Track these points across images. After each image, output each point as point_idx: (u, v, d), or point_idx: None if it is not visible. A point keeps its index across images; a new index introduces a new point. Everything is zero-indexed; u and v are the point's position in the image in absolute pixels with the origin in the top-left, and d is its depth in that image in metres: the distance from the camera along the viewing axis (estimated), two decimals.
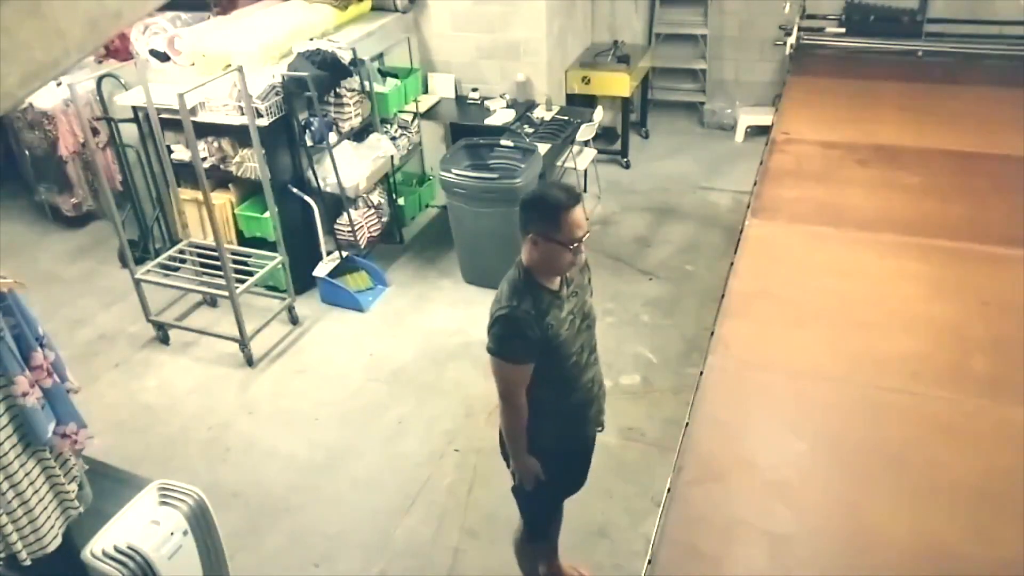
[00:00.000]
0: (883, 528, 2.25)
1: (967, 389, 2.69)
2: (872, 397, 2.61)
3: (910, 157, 4.00)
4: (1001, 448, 2.46)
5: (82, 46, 1.63)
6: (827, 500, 2.34)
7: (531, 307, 2.33)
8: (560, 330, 2.37)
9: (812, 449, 2.48)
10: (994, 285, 3.15)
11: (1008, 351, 2.81)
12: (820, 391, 2.67)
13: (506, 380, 2.42)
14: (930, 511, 2.29)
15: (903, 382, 2.68)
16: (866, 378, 2.75)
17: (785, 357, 2.75)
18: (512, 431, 2.53)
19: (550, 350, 2.37)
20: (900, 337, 2.85)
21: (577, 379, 2.53)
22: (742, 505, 2.35)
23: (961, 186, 3.74)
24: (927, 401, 2.64)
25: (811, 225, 3.49)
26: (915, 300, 3.02)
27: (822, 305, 3.02)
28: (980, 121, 4.38)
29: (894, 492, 2.36)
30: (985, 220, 3.50)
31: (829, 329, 2.91)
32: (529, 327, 2.32)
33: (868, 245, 3.33)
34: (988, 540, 2.19)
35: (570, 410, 2.58)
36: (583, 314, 2.49)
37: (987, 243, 3.36)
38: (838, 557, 2.20)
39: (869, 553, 2.18)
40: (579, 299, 2.47)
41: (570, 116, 5.22)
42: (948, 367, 2.78)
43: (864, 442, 2.47)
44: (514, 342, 2.34)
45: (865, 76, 5.11)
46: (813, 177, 3.89)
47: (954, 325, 2.93)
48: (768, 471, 2.41)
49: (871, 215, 3.51)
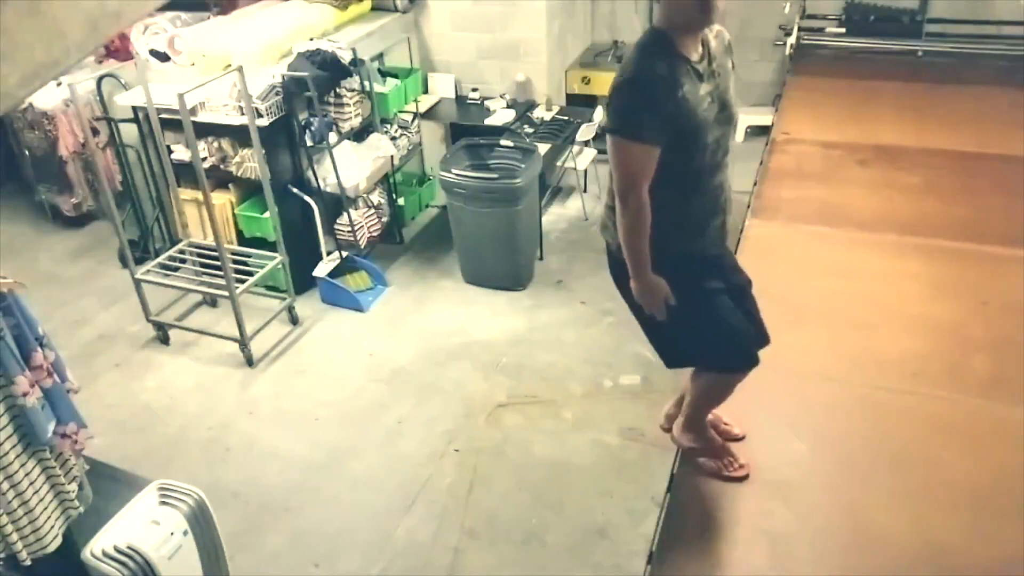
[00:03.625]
0: (883, 528, 2.25)
1: (967, 389, 2.70)
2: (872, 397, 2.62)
3: (910, 157, 4.01)
4: (1001, 448, 2.46)
5: (82, 46, 1.63)
6: (827, 500, 2.34)
7: (664, 72, 1.94)
8: (697, 109, 1.98)
9: (812, 449, 2.48)
10: (994, 285, 3.15)
11: (1008, 351, 2.82)
12: (820, 391, 2.68)
13: (628, 168, 1.99)
14: (930, 511, 2.29)
15: (903, 382, 2.69)
16: (866, 378, 2.75)
17: (785, 357, 2.74)
18: (633, 239, 2.07)
19: (682, 134, 1.98)
20: (900, 337, 2.86)
21: (706, 180, 2.11)
22: (742, 505, 2.35)
23: (961, 186, 3.75)
24: (927, 401, 2.64)
25: (811, 225, 3.50)
26: (915, 300, 3.03)
27: (822, 305, 3.03)
28: (980, 121, 4.38)
29: (894, 492, 2.36)
30: (985, 220, 3.50)
31: (829, 329, 2.92)
32: (661, 96, 1.92)
33: (868, 245, 3.34)
34: (988, 539, 2.19)
35: (693, 220, 2.15)
36: (723, 102, 2.07)
37: (987, 243, 3.36)
38: (838, 557, 2.21)
39: (869, 553, 2.18)
40: (721, 82, 2.08)
41: (570, 116, 5.22)
42: (948, 367, 2.78)
43: (864, 442, 2.47)
44: (641, 115, 1.94)
45: (865, 76, 5.12)
46: (813, 177, 3.89)
47: (954, 325, 2.94)
48: (768, 471, 2.41)
49: (871, 215, 3.52)
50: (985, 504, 2.32)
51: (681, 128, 1.97)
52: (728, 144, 2.12)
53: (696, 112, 1.98)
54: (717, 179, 2.12)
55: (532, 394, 3.79)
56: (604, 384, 3.80)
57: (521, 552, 3.00)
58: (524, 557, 2.98)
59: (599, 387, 3.79)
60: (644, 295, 2.15)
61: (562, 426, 3.58)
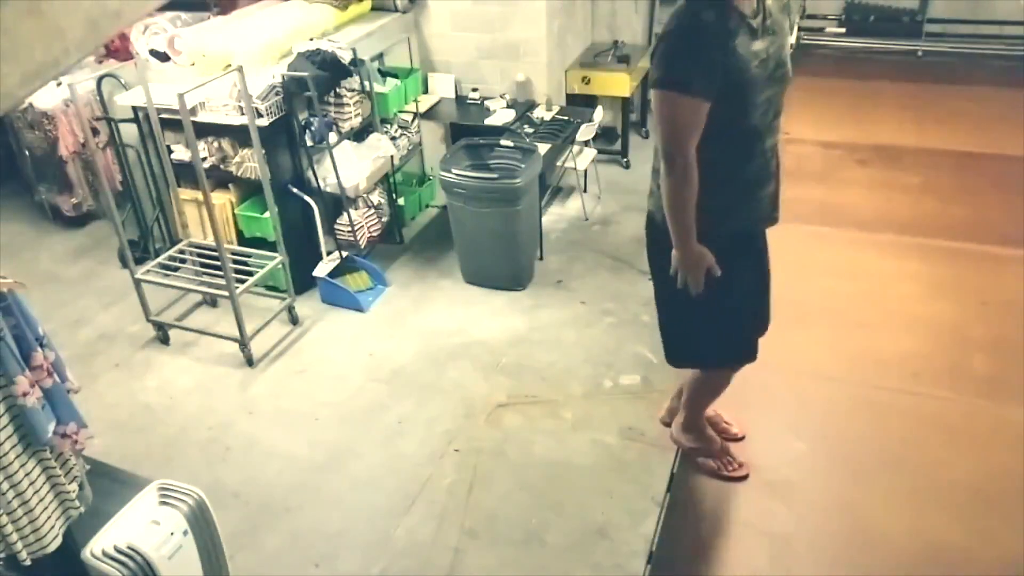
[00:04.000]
0: (883, 527, 2.25)
1: (967, 389, 2.70)
2: (872, 397, 2.62)
3: (910, 157, 4.02)
4: (1000, 448, 2.47)
5: (82, 46, 1.63)
6: (827, 500, 2.34)
7: (714, 21, 1.80)
8: (750, 64, 1.85)
9: (812, 449, 2.48)
10: (994, 285, 3.16)
11: (1008, 351, 2.82)
12: (820, 391, 2.68)
13: (674, 124, 1.86)
14: (930, 510, 2.29)
15: (903, 382, 2.69)
16: (866, 378, 2.76)
17: (785, 357, 2.75)
18: (678, 202, 1.92)
19: (733, 89, 1.84)
20: (900, 337, 2.86)
21: (756, 142, 1.97)
22: (742, 505, 2.35)
23: (961, 186, 3.75)
24: (927, 401, 2.65)
25: (811, 225, 3.50)
26: (915, 300, 3.03)
27: (822, 305, 3.03)
28: (980, 121, 4.39)
29: (894, 491, 2.37)
30: (985, 220, 3.51)
31: (829, 329, 2.92)
32: (711, 46, 1.79)
33: (868, 245, 3.34)
34: (987, 539, 2.20)
35: (742, 185, 2.01)
36: (779, 61, 1.94)
37: (987, 243, 3.37)
38: (838, 557, 2.21)
39: (869, 552, 2.19)
40: (777, 41, 1.95)
41: (570, 116, 5.22)
42: (948, 367, 2.79)
43: (864, 442, 2.48)
44: (689, 66, 1.80)
45: (865, 76, 5.12)
46: (813, 177, 3.90)
47: (954, 325, 2.94)
48: (768, 471, 2.42)
49: (871, 215, 3.52)
50: (985, 504, 2.32)
51: (732, 82, 1.83)
52: (780, 105, 1.98)
53: (749, 68, 1.84)
54: (769, 142, 1.99)
55: (532, 394, 3.79)
56: (604, 384, 3.80)
57: (521, 552, 3.00)
58: (524, 557, 2.98)
59: (599, 387, 3.79)
60: (687, 264, 2.02)
61: (562, 426, 3.58)
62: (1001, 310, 3.06)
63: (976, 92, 4.79)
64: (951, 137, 4.22)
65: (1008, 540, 2.20)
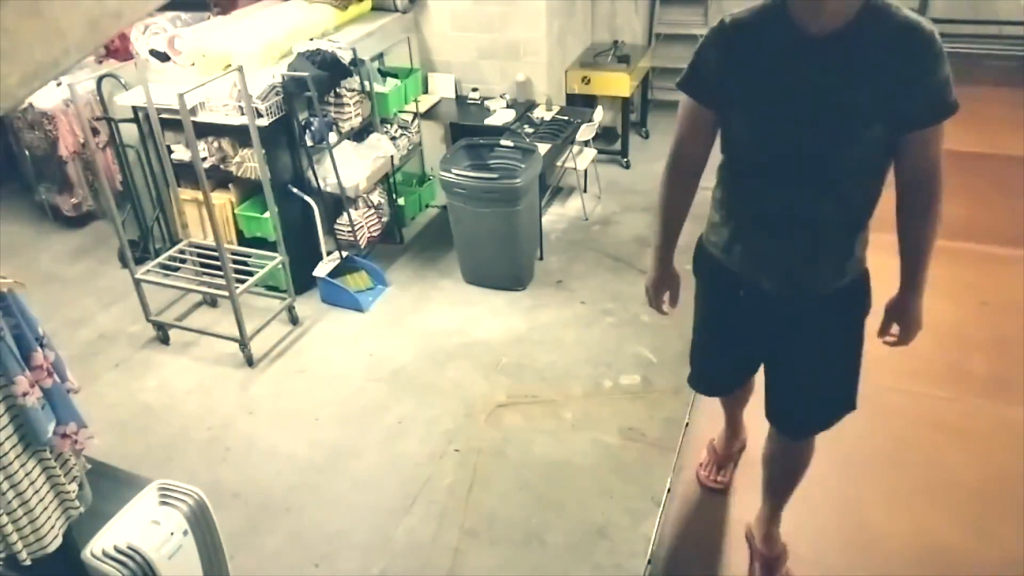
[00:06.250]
0: (883, 527, 2.25)
1: (967, 389, 2.70)
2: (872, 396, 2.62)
3: None
4: (1001, 448, 2.47)
5: (82, 46, 1.63)
6: (827, 499, 2.34)
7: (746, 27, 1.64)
8: (765, 86, 1.64)
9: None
10: (994, 285, 3.16)
11: (1008, 351, 2.82)
12: None
13: (678, 117, 1.83)
14: (930, 510, 2.29)
15: (903, 382, 2.69)
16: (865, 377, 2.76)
17: None
18: (659, 201, 1.85)
19: (734, 107, 1.70)
20: None
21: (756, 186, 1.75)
22: (742, 505, 2.35)
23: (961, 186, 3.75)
24: (927, 401, 2.65)
25: None
26: None
27: None
28: (980, 121, 4.38)
29: (894, 491, 2.37)
30: (985, 220, 3.50)
31: None
32: (721, 52, 1.67)
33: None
34: (988, 539, 2.20)
35: (737, 216, 1.81)
36: (833, 105, 1.67)
37: (987, 243, 3.37)
38: (838, 557, 2.21)
39: (869, 553, 2.19)
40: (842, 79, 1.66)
41: (570, 116, 5.22)
42: (948, 367, 2.79)
43: (863, 442, 2.48)
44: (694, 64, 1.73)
45: None
46: None
47: (954, 325, 2.94)
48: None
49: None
50: (985, 504, 2.32)
51: (730, 99, 1.67)
52: (829, 167, 1.66)
53: (758, 89, 1.62)
54: (784, 196, 1.70)
55: (532, 394, 3.79)
56: (604, 384, 3.80)
57: (521, 552, 3.00)
58: (524, 557, 2.98)
59: (599, 387, 3.79)
60: (648, 277, 1.96)
61: (562, 426, 3.58)
62: (1001, 310, 3.06)
63: (976, 92, 4.79)
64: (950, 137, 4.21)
65: (1008, 540, 2.20)
